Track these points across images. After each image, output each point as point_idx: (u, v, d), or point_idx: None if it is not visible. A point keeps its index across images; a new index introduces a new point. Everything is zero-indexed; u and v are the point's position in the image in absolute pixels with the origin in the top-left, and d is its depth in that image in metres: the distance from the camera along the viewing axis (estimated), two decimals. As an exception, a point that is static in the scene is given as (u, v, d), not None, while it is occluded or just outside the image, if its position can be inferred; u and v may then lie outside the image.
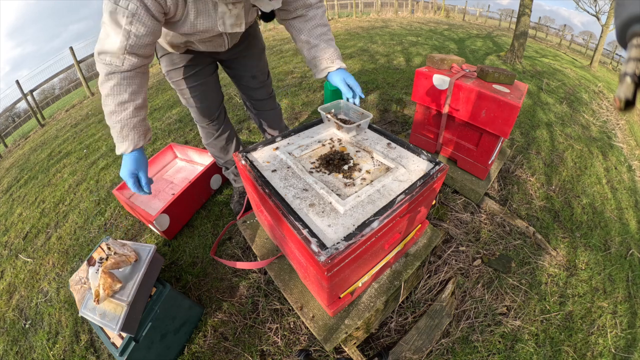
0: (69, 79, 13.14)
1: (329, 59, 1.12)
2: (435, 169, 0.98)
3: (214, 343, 1.30)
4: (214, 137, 1.54)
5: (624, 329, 1.42)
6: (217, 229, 1.77)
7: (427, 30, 8.29)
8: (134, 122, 0.92)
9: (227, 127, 1.57)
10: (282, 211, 0.84)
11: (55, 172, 2.94)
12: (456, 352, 1.25)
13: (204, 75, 1.32)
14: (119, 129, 0.92)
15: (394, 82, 3.67)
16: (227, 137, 1.57)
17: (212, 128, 1.50)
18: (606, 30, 8.66)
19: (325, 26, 1.12)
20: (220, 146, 1.58)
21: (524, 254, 1.64)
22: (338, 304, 1.01)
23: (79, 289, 1.14)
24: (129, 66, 0.86)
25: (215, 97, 1.43)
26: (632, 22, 0.46)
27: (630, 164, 2.83)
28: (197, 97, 1.34)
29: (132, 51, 0.84)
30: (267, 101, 1.60)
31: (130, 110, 0.90)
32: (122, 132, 0.92)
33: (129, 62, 0.85)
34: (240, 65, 1.41)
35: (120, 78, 0.86)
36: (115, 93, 0.88)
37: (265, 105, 1.61)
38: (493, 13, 18.75)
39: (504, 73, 1.57)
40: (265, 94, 1.57)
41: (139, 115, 0.94)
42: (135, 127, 0.93)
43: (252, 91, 1.53)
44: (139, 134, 0.95)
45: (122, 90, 0.88)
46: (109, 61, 0.84)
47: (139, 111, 0.93)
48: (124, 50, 0.82)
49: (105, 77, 0.86)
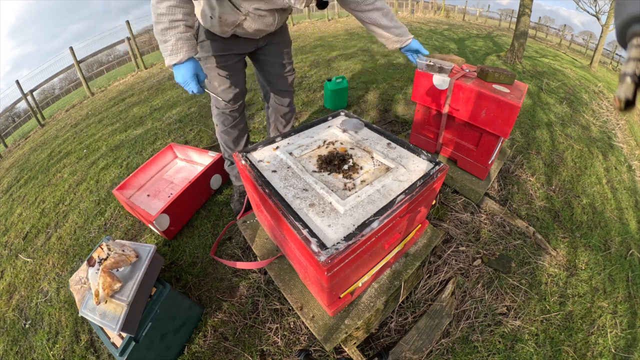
0: (69, 79, 13.16)
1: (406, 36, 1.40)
2: (435, 169, 0.98)
3: (214, 343, 1.30)
4: (231, 124, 1.59)
5: (624, 329, 1.42)
6: (217, 229, 1.77)
7: (427, 30, 8.29)
8: (187, 36, 1.06)
9: (243, 120, 1.65)
10: (282, 211, 0.84)
11: (55, 172, 2.94)
12: (456, 352, 1.25)
13: (235, 67, 1.45)
14: (174, 42, 1.04)
15: (394, 82, 3.67)
16: (242, 128, 1.65)
17: (232, 115, 1.57)
18: (606, 30, 8.65)
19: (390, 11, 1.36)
20: (234, 136, 1.64)
21: (524, 254, 1.64)
22: (338, 304, 1.01)
23: (79, 289, 1.14)
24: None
25: (243, 88, 1.55)
26: (632, 22, 0.46)
27: (630, 164, 2.83)
28: (229, 84, 1.45)
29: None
30: (289, 94, 1.69)
31: (183, 26, 1.04)
32: (177, 44, 1.05)
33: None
34: (273, 52, 1.52)
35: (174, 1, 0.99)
36: (170, 12, 1.00)
37: (286, 97, 1.69)
38: (493, 13, 18.74)
39: (504, 73, 1.57)
40: (289, 86, 1.66)
41: (190, 31, 1.07)
42: (188, 39, 1.07)
43: (279, 79, 1.61)
44: (191, 46, 1.09)
45: (177, 11, 1.01)
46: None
47: (189, 29, 1.07)
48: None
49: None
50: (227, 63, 1.39)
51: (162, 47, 1.06)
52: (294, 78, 1.67)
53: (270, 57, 1.53)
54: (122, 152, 2.84)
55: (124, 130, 3.35)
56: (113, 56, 16.41)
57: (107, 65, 15.30)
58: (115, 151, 2.90)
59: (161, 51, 1.07)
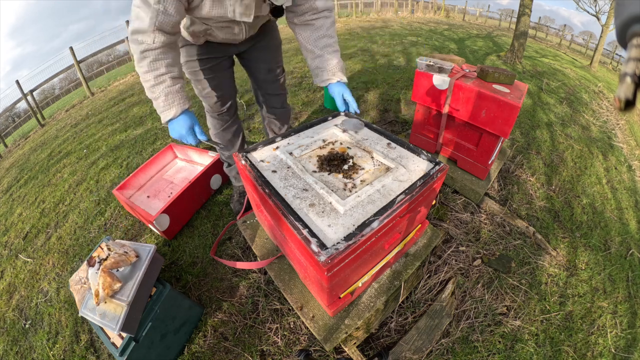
0: (69, 79, 13.17)
1: (330, 71, 1.17)
2: (435, 169, 0.98)
3: (214, 343, 1.30)
4: (223, 127, 1.57)
5: (624, 329, 1.42)
6: (217, 229, 1.77)
7: (427, 30, 8.29)
8: (176, 89, 1.03)
9: (236, 121, 1.62)
10: (282, 211, 0.84)
11: (55, 172, 2.94)
12: (456, 352, 1.25)
13: (220, 68, 1.39)
14: (164, 98, 1.01)
15: (394, 82, 3.67)
16: (234, 130, 1.62)
17: (222, 119, 1.54)
18: (606, 30, 8.65)
19: (331, 37, 1.17)
20: (228, 138, 1.62)
21: (524, 254, 1.64)
22: (338, 304, 1.01)
23: (79, 289, 1.14)
24: (160, 43, 0.95)
25: (230, 89, 1.49)
26: (632, 22, 0.46)
27: (630, 164, 2.83)
28: (212, 87, 1.40)
29: (161, 28, 0.92)
30: (279, 97, 1.65)
31: (169, 79, 1.00)
32: (168, 99, 1.02)
33: (159, 39, 0.94)
34: (257, 57, 1.46)
35: (154, 54, 0.96)
36: (153, 68, 0.97)
37: (278, 101, 1.65)
38: (493, 13, 18.74)
39: (504, 73, 1.57)
40: (279, 89, 1.61)
41: (178, 83, 1.04)
42: (178, 92, 1.03)
43: (267, 84, 1.57)
44: (183, 98, 1.05)
45: (159, 65, 0.98)
46: (141, 39, 0.93)
47: (177, 80, 1.03)
48: (154, 27, 0.91)
49: (141, 55, 0.95)
50: (207, 66, 1.34)
51: (155, 105, 1.04)
52: (284, 81, 1.61)
53: (255, 62, 1.49)
54: (122, 152, 2.84)
55: (124, 130, 3.35)
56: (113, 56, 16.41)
57: (107, 65, 15.30)
58: (115, 151, 2.90)
59: (155, 109, 1.05)
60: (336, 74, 1.18)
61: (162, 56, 0.97)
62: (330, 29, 1.16)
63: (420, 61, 1.54)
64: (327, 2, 1.14)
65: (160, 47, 0.95)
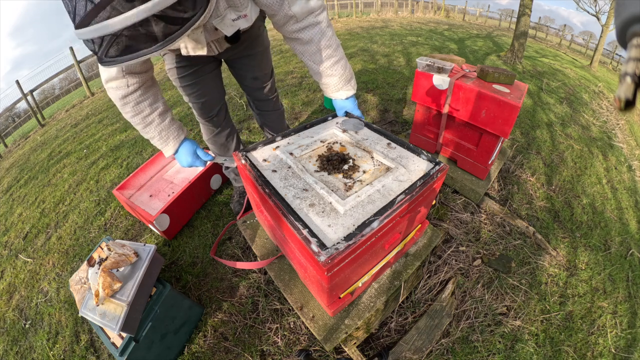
0: (69, 79, 13.15)
1: (334, 88, 1.14)
2: (435, 169, 0.98)
3: (214, 343, 1.30)
4: (214, 133, 1.55)
5: (624, 329, 1.42)
6: (217, 229, 1.77)
7: (427, 30, 8.29)
8: (166, 124, 1.04)
9: (228, 124, 1.58)
10: (282, 211, 0.84)
11: (55, 172, 2.94)
12: (456, 352, 1.25)
13: (203, 72, 1.33)
14: (159, 136, 1.03)
15: (394, 82, 3.67)
16: (227, 134, 1.59)
17: (212, 124, 1.51)
18: (606, 30, 8.65)
19: (328, 48, 1.05)
20: (221, 143, 1.60)
21: (524, 254, 1.64)
22: (338, 304, 1.01)
23: (79, 289, 1.14)
24: (135, 85, 0.94)
25: (216, 94, 1.44)
26: (632, 22, 0.45)
27: (630, 164, 2.83)
28: (196, 94, 1.37)
29: (130, 71, 0.92)
30: (270, 102, 1.61)
31: (157, 118, 1.02)
32: (162, 136, 1.04)
33: (132, 81, 0.94)
34: (242, 65, 1.42)
35: (134, 98, 0.96)
36: (137, 112, 0.98)
37: (268, 105, 1.63)
38: (493, 13, 18.75)
39: (504, 73, 1.57)
40: (267, 94, 1.57)
41: (167, 116, 1.05)
42: (169, 127, 1.05)
43: (254, 91, 1.54)
44: (177, 130, 1.07)
45: (143, 107, 0.98)
46: (115, 86, 0.93)
47: (165, 115, 1.04)
48: (123, 73, 0.91)
49: (121, 101, 0.96)
50: (189, 72, 1.29)
51: (153, 144, 1.06)
52: (271, 86, 1.57)
53: (239, 69, 1.44)
54: (122, 152, 2.84)
55: (124, 130, 3.35)
56: (113, 56, 16.38)
57: (107, 65, 15.26)
58: (115, 151, 2.90)
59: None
60: (340, 90, 1.12)
61: (143, 97, 0.97)
62: (322, 39, 1.02)
63: (420, 61, 1.54)
64: (307, 4, 0.97)
65: (137, 89, 0.95)
